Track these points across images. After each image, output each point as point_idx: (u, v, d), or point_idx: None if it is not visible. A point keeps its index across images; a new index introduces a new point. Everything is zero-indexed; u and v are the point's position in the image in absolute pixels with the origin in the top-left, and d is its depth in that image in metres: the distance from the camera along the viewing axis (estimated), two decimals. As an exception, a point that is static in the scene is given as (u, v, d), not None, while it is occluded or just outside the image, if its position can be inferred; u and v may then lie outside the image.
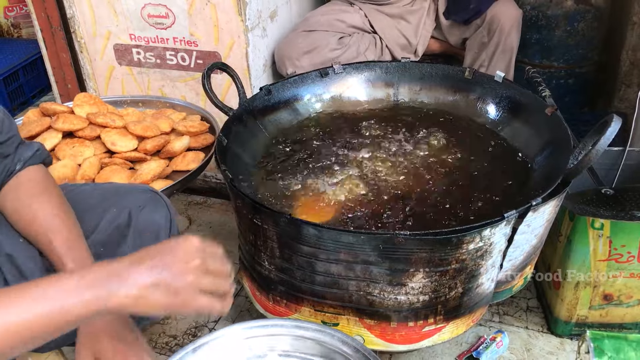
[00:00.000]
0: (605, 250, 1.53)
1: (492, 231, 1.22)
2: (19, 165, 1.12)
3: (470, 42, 2.21)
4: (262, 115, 1.70)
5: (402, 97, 1.84)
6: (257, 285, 1.45)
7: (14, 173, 1.12)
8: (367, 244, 1.19)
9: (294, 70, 2.10)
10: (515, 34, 2.16)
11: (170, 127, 1.80)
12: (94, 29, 2.15)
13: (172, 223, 1.27)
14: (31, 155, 1.14)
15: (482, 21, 2.16)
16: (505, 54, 2.17)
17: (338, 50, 2.15)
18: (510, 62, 2.20)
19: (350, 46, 2.16)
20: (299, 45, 2.11)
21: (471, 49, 2.21)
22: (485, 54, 2.17)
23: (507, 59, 2.18)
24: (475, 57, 2.20)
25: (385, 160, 1.58)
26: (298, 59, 2.10)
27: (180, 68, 2.13)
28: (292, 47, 2.12)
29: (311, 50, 2.11)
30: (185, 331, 1.79)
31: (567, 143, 1.42)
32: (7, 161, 1.11)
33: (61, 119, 1.70)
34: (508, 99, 1.69)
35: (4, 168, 1.11)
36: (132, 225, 1.19)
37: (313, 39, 2.12)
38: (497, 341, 1.63)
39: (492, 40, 2.14)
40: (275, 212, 1.25)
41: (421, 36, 2.28)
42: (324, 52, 2.12)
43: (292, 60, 2.10)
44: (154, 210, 1.23)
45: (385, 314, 1.31)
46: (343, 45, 2.16)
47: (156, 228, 1.23)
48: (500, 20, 2.11)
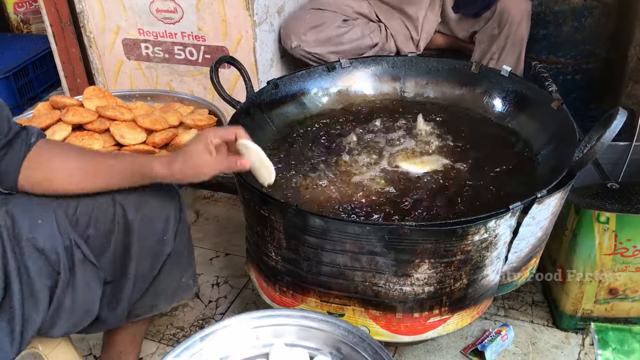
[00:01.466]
0: (610, 244, 1.53)
1: (497, 223, 1.22)
2: (33, 137, 1.19)
3: (480, 35, 2.21)
4: (269, 108, 1.71)
5: (408, 91, 1.85)
6: (264, 276, 1.46)
7: (32, 145, 1.18)
8: (373, 234, 1.20)
9: (298, 44, 2.12)
10: (525, 26, 2.16)
11: (179, 121, 1.81)
12: (103, 24, 2.17)
13: (182, 212, 1.30)
14: (38, 130, 1.22)
15: (492, 13, 2.16)
16: (515, 47, 2.17)
17: (343, 28, 2.16)
18: (520, 55, 2.20)
19: (354, 26, 2.18)
20: (307, 21, 2.13)
21: (481, 42, 2.21)
22: (496, 47, 2.17)
23: (517, 51, 2.19)
24: (485, 50, 2.20)
25: (393, 153, 1.59)
26: (304, 34, 2.11)
27: (188, 63, 2.14)
28: (299, 22, 2.14)
29: (318, 25, 2.13)
30: (192, 323, 1.80)
31: (572, 136, 1.42)
32: (22, 136, 1.18)
33: (71, 112, 1.71)
34: (514, 93, 1.70)
35: (22, 143, 1.17)
36: (142, 208, 1.22)
37: (321, 16, 2.15)
38: (502, 335, 1.64)
39: (503, 33, 2.14)
40: (282, 203, 1.27)
41: (423, 30, 2.28)
42: (330, 29, 2.14)
43: (298, 34, 2.11)
44: (165, 197, 1.26)
45: (390, 305, 1.32)
46: (348, 25, 2.18)
47: (166, 214, 1.26)
48: (511, 12, 2.11)
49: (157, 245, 1.26)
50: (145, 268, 1.27)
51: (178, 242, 1.30)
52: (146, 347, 1.73)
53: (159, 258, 1.27)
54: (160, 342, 1.75)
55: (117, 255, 1.25)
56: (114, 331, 1.44)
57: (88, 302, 1.22)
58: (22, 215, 1.15)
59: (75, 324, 1.23)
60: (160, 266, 1.29)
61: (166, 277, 1.32)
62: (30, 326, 1.14)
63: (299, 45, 2.11)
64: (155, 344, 1.75)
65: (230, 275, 1.99)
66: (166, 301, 1.36)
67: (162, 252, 1.27)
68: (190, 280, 1.39)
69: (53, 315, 1.18)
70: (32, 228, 1.14)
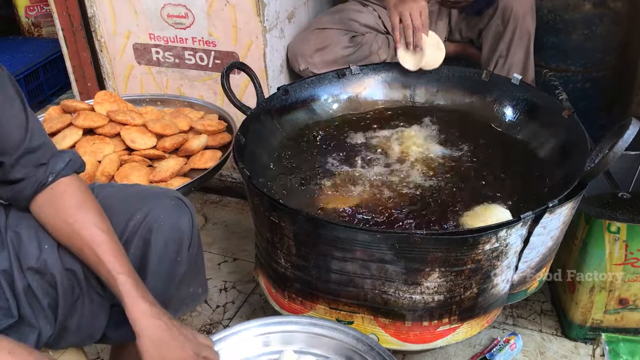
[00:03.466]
0: (621, 254, 1.53)
1: (508, 232, 1.22)
2: (51, 177, 1.12)
3: (486, 32, 2.21)
4: (280, 114, 1.71)
5: (418, 99, 1.85)
6: (272, 282, 1.46)
7: (47, 185, 1.12)
8: (384, 242, 1.20)
9: (306, 66, 2.12)
10: (531, 19, 2.15)
11: (189, 126, 1.82)
12: (114, 28, 2.18)
13: (194, 230, 1.24)
14: (63, 167, 1.13)
15: (494, 11, 2.16)
16: (522, 41, 2.16)
17: (350, 49, 2.16)
18: (529, 49, 2.19)
19: (362, 45, 2.18)
20: (311, 43, 2.13)
21: (487, 40, 2.20)
22: (503, 43, 2.16)
23: (524, 45, 2.17)
24: (492, 48, 2.19)
25: (403, 160, 1.59)
26: (311, 56, 2.12)
27: (199, 68, 2.15)
28: (304, 44, 2.14)
29: (323, 47, 2.13)
30: (200, 328, 1.80)
31: (584, 145, 1.42)
32: (40, 173, 1.11)
33: (82, 116, 1.72)
34: (525, 102, 1.70)
35: (36, 180, 1.11)
36: (156, 232, 1.17)
37: (325, 37, 2.14)
38: (510, 343, 1.63)
39: (508, 28, 2.13)
40: (293, 210, 1.27)
41: None
42: (336, 49, 2.14)
43: (304, 57, 2.12)
44: (179, 217, 1.20)
45: (400, 313, 1.31)
46: (355, 44, 2.17)
47: (180, 235, 1.20)
48: (513, 7, 2.11)
49: (171, 267, 1.21)
50: (158, 289, 1.20)
51: (190, 258, 1.25)
52: (154, 351, 1.72)
53: (174, 279, 1.23)
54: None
55: None
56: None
57: (92, 328, 1.20)
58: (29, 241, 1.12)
59: (79, 342, 1.22)
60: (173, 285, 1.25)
61: (175, 290, 1.27)
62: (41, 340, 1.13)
63: (307, 68, 2.12)
64: (163, 349, 1.75)
65: (238, 280, 1.99)
66: (174, 311, 1.33)
67: (177, 273, 1.22)
68: (200, 289, 1.34)
69: (59, 333, 1.16)
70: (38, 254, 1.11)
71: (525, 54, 2.18)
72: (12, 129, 1.08)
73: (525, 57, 2.19)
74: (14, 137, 1.08)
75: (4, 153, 1.08)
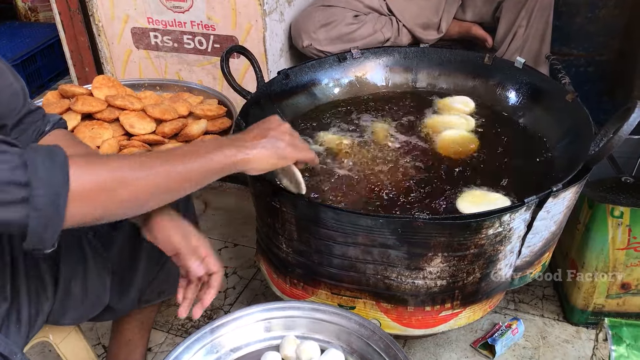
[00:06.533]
0: (624, 238, 1.52)
1: (511, 217, 1.21)
2: (48, 126, 1.18)
3: (507, 3, 2.19)
4: (280, 99, 1.69)
5: (420, 83, 1.83)
6: (274, 268, 1.45)
7: (45, 133, 1.17)
8: (386, 227, 1.19)
9: (309, 42, 2.10)
10: None
11: (188, 111, 1.80)
12: (112, 12, 2.15)
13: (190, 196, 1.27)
14: (58, 120, 1.21)
15: None
16: (544, 11, 2.15)
17: (354, 25, 2.14)
18: (549, 19, 2.18)
19: (366, 22, 2.16)
20: (316, 19, 2.11)
21: (508, 10, 2.19)
22: (525, 11, 2.15)
23: (546, 14, 2.16)
24: (512, 18, 2.17)
25: (405, 142, 1.58)
26: (314, 32, 2.10)
27: (198, 52, 2.12)
28: (309, 20, 2.12)
29: (328, 23, 2.11)
30: (201, 313, 1.80)
31: (588, 130, 1.40)
32: (38, 124, 1.17)
33: (80, 101, 1.70)
34: (528, 85, 1.68)
35: (36, 128, 1.17)
36: None
37: (329, 13, 2.13)
38: (512, 328, 1.63)
39: None
40: (294, 195, 1.25)
41: (445, 11, 2.26)
42: (340, 26, 2.12)
43: (308, 33, 2.10)
44: None
45: (402, 298, 1.31)
46: (359, 21, 2.15)
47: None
48: None
49: None
50: (154, 257, 1.27)
51: None
52: (155, 336, 1.73)
53: None
54: (169, 333, 1.75)
55: (126, 247, 1.25)
56: (122, 320, 1.44)
57: (99, 290, 1.22)
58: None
59: (86, 312, 1.23)
60: None
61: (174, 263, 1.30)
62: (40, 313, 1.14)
63: (310, 44, 2.10)
64: (164, 334, 1.75)
65: (239, 266, 1.99)
66: (174, 286, 1.35)
67: None
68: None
69: (63, 303, 1.18)
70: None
71: (544, 25, 2.17)
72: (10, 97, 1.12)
73: (544, 27, 2.17)
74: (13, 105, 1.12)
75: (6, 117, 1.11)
